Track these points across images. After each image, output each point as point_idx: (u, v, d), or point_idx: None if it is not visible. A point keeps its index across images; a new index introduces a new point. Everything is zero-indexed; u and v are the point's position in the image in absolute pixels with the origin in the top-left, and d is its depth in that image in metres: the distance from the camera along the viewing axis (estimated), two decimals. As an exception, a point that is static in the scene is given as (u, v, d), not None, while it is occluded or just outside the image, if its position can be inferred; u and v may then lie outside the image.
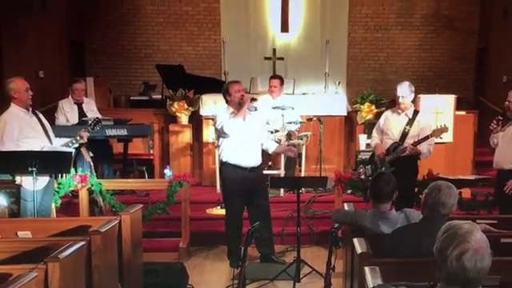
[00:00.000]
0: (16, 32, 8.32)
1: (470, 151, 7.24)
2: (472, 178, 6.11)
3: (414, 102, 7.07)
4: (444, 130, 5.31)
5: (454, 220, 2.14)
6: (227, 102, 5.41)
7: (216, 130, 5.48)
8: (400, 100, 5.49)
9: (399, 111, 5.55)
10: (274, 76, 7.54)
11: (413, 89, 5.49)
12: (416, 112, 5.53)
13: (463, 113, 7.33)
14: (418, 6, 11.31)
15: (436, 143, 6.79)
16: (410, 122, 5.45)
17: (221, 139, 5.44)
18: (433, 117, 6.83)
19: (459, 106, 7.14)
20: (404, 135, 5.44)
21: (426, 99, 6.99)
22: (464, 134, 7.10)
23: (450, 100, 6.98)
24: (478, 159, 7.53)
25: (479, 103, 10.15)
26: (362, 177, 5.77)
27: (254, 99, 5.52)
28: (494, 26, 10.43)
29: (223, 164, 5.48)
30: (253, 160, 5.40)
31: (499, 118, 5.44)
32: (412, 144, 5.34)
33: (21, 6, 8.41)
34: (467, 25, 11.32)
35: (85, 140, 5.32)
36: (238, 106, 5.31)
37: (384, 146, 5.61)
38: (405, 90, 5.46)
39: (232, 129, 5.27)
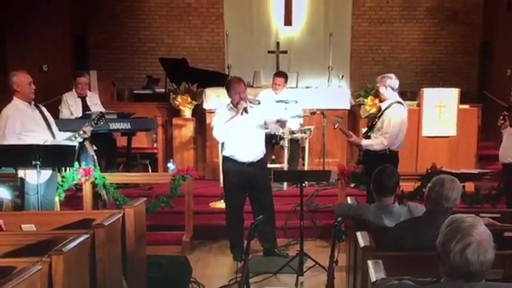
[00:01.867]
0: (20, 26, 8.33)
1: (474, 145, 7.20)
2: (475, 171, 6.08)
3: (417, 95, 7.13)
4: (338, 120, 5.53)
5: (457, 214, 2.15)
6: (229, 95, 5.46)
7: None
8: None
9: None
10: (279, 73, 7.36)
11: (390, 81, 5.30)
12: (392, 104, 5.32)
13: (467, 106, 7.29)
14: (422, -2, 11.28)
15: (440, 137, 6.84)
16: (380, 114, 5.38)
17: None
18: (436, 110, 6.83)
19: (463, 99, 7.10)
20: (370, 127, 5.41)
21: (429, 92, 6.97)
22: (467, 127, 7.06)
23: (453, 93, 6.95)
24: (481, 153, 7.49)
25: (483, 97, 10.10)
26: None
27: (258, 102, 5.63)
28: (498, 19, 10.37)
29: (224, 158, 5.57)
30: (251, 155, 5.40)
31: (505, 113, 5.42)
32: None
33: (25, 1, 8.42)
34: (471, 18, 11.27)
35: (88, 135, 5.33)
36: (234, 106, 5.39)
37: None
38: (380, 81, 5.39)
39: (219, 135, 5.41)
